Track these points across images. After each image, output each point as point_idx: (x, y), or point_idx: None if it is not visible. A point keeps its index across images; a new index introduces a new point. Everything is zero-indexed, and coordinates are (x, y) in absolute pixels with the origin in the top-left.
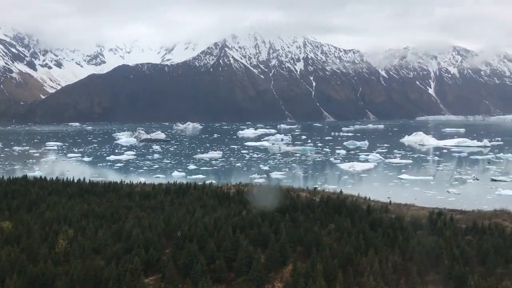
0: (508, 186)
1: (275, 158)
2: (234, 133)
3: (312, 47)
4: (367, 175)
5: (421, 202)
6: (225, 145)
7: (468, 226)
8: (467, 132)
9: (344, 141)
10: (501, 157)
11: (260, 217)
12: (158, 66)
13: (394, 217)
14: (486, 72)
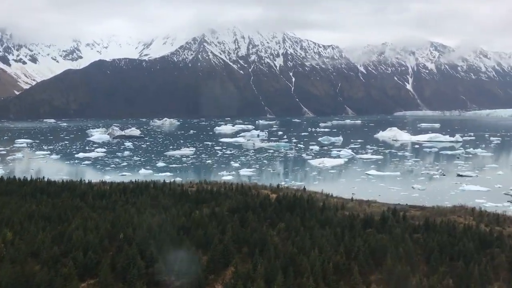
0: (472, 182)
1: (247, 155)
2: (211, 129)
3: (292, 42)
4: (336, 171)
5: (384, 198)
6: (199, 141)
7: (419, 223)
8: (442, 127)
9: (320, 137)
10: (470, 152)
11: (207, 218)
12: (135, 61)
13: (347, 215)
14: (463, 67)
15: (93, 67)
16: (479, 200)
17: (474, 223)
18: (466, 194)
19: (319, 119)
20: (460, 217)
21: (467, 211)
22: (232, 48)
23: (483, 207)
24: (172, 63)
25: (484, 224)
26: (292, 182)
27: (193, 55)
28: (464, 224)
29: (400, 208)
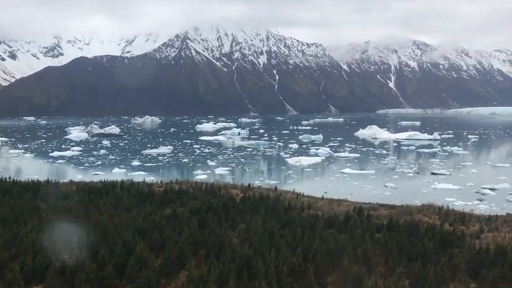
0: (445, 180)
1: (225, 153)
2: (193, 127)
3: (275, 40)
4: (312, 169)
5: (356, 197)
6: (179, 139)
7: (383, 223)
8: (422, 125)
9: (301, 135)
10: (447, 150)
11: (167, 219)
12: (117, 58)
13: (312, 215)
14: (445, 66)
15: (75, 64)
16: (449, 198)
17: (439, 223)
18: (438, 193)
19: (302, 117)
20: (426, 216)
21: (434, 210)
22: (215, 45)
23: (452, 206)
24: (154, 60)
25: (448, 223)
26: (267, 181)
27: (176, 52)
28: (428, 223)
29: (369, 207)
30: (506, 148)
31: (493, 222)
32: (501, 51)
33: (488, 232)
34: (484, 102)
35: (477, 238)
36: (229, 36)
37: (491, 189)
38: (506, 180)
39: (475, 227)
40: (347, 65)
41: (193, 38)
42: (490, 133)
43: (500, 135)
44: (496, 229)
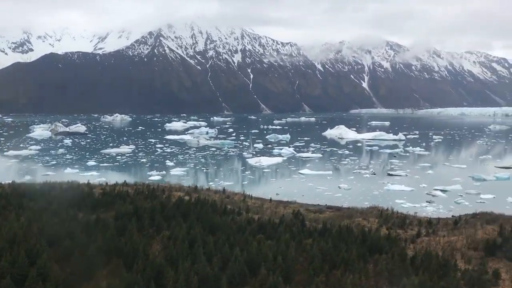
0: (400, 181)
1: (187, 153)
2: (162, 125)
3: (250, 39)
4: (270, 170)
5: (307, 199)
6: (144, 138)
7: (317, 227)
8: (391, 125)
9: (269, 135)
10: (409, 150)
11: (84, 225)
12: (89, 55)
13: (245, 219)
14: (417, 67)
15: (45, 60)
16: (399, 200)
17: (376, 226)
18: (389, 194)
19: (276, 116)
20: (366, 219)
21: (376, 213)
22: (189, 43)
23: (398, 208)
24: (127, 57)
25: (386, 227)
26: (221, 182)
27: (149, 50)
28: (365, 227)
29: (316, 209)
30: (466, 149)
31: (434, 226)
32: (472, 52)
33: (425, 236)
34: (454, 102)
35: (412, 242)
36: (204, 34)
37: (442, 190)
38: (460, 181)
39: (413, 231)
40: (321, 64)
41: (167, 35)
42: (455, 134)
43: (464, 135)
44: (433, 233)
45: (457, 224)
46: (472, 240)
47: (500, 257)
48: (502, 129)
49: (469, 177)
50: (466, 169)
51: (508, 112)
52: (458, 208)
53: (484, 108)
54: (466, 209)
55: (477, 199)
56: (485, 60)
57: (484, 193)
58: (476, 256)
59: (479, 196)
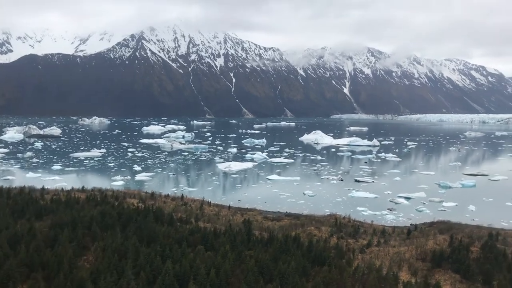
0: (366, 188)
1: (158, 158)
2: (140, 128)
3: (233, 43)
4: (238, 175)
5: (269, 206)
6: (117, 142)
7: (263, 237)
8: (369, 130)
9: (246, 139)
10: (380, 157)
11: (10, 236)
12: (69, 57)
13: (191, 228)
14: (397, 73)
15: (24, 61)
16: (360, 208)
17: (327, 236)
18: (352, 201)
19: (257, 121)
20: (318, 228)
21: (333, 221)
22: (171, 46)
23: (357, 216)
24: (108, 60)
25: (337, 236)
26: (185, 188)
27: (131, 52)
28: (317, 237)
29: (274, 217)
30: (438, 156)
31: (387, 235)
32: (451, 60)
33: (376, 246)
34: (434, 109)
35: (361, 253)
36: (186, 38)
37: (406, 198)
38: (425, 188)
39: (365, 241)
40: (303, 70)
41: (149, 38)
42: (430, 140)
43: (438, 142)
44: (385, 243)
45: (410, 233)
46: (422, 250)
47: (446, 268)
48: (477, 136)
49: (436, 184)
50: (434, 176)
51: (485, 119)
52: (418, 216)
53: (463, 115)
54: (426, 217)
55: (439, 207)
56: (464, 67)
57: (447, 201)
58: (423, 268)
59: (441, 204)
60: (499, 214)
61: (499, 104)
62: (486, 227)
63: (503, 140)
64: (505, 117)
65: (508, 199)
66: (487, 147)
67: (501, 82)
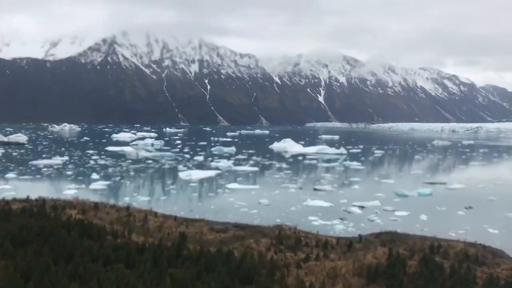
0: (322, 196)
1: (120, 166)
2: (109, 136)
3: (208, 49)
4: (197, 184)
5: (220, 216)
6: (83, 149)
7: (196, 252)
8: (340, 139)
9: (216, 147)
10: (345, 165)
11: None
12: (39, 61)
13: (121, 243)
14: (372, 82)
15: None
16: (312, 217)
17: (263, 250)
18: (305, 210)
19: (232, 128)
20: (257, 241)
21: (275, 233)
22: (144, 51)
23: (307, 226)
24: (79, 64)
25: (275, 250)
26: (138, 197)
27: (103, 57)
28: (255, 250)
29: (220, 228)
30: (401, 164)
31: (329, 247)
32: (425, 69)
33: (315, 260)
34: (407, 118)
35: (298, 267)
36: (160, 43)
37: (360, 206)
38: (381, 197)
39: (304, 254)
40: (279, 77)
41: (121, 43)
42: (397, 149)
43: (405, 150)
44: (324, 256)
45: (351, 246)
46: (359, 265)
47: (380, 284)
48: (445, 144)
49: (393, 192)
50: (393, 184)
51: (454, 128)
52: (368, 226)
53: (433, 123)
54: (376, 227)
55: (391, 216)
56: (438, 76)
57: (400, 210)
58: (357, 284)
59: (394, 213)
60: (449, 224)
61: (470, 113)
62: (432, 237)
63: (468, 149)
64: (474, 126)
65: (460, 208)
66: (452, 155)
67: (472, 91)
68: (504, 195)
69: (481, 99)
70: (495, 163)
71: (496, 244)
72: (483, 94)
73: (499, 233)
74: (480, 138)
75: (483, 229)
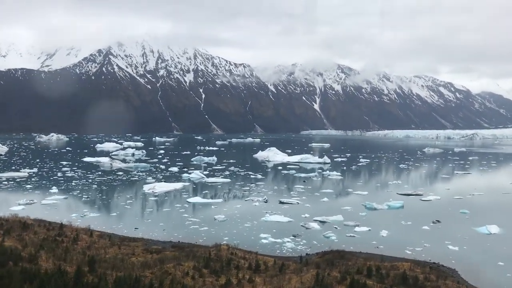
0: (285, 210)
1: (87, 178)
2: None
3: (203, 59)
4: (158, 198)
5: (165, 234)
6: (59, 160)
7: (100, 276)
8: (330, 147)
9: (196, 157)
10: (324, 174)
11: None
12: (33, 72)
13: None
14: (367, 89)
15: None
16: (265, 234)
17: (180, 275)
18: (261, 226)
19: (225, 137)
20: (178, 265)
21: (201, 253)
22: (140, 62)
23: (255, 245)
24: (74, 75)
25: (193, 275)
26: (89, 213)
27: (97, 68)
28: (171, 275)
29: (156, 248)
30: (382, 174)
31: (261, 270)
32: (420, 77)
33: (237, 285)
34: (403, 125)
35: None
36: (155, 53)
37: (321, 221)
38: (347, 210)
39: (225, 279)
40: (274, 86)
41: (117, 53)
42: (385, 157)
43: (392, 158)
44: (249, 281)
45: (282, 269)
46: None
47: None
48: (436, 152)
49: (362, 205)
50: (365, 196)
51: (450, 135)
52: (321, 243)
53: (429, 130)
54: (329, 244)
55: (350, 232)
56: (433, 84)
57: (362, 225)
58: None
59: (354, 229)
60: (408, 240)
61: (467, 120)
62: (380, 255)
63: (458, 156)
64: (470, 133)
65: (427, 222)
66: (438, 164)
67: (468, 98)
68: (478, 208)
69: (478, 106)
70: (481, 171)
71: (451, 263)
72: (479, 101)
73: (459, 250)
74: (474, 145)
75: (444, 246)
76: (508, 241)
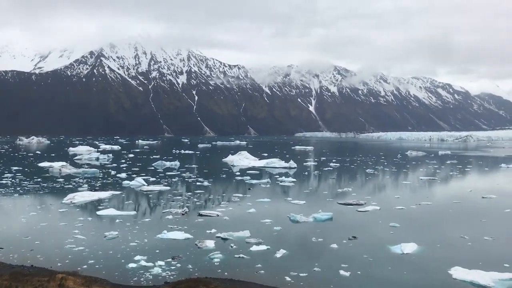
0: (195, 225)
1: (21, 185)
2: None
3: (197, 60)
4: (68, 210)
5: (27, 256)
6: (11, 165)
7: None
8: (314, 149)
9: (157, 161)
10: (277, 180)
11: None
12: (24, 74)
13: None
14: (363, 91)
15: None
16: (140, 256)
17: None
18: (152, 245)
19: (215, 139)
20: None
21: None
22: (132, 63)
23: (125, 268)
24: (65, 77)
25: None
26: None
27: (89, 70)
28: None
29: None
30: (338, 180)
31: None
32: (418, 78)
33: None
34: (399, 126)
35: None
36: (148, 55)
37: (223, 238)
38: (266, 223)
39: None
40: (268, 88)
41: (108, 55)
42: (359, 160)
43: (365, 162)
44: None
45: None
46: None
47: None
48: (418, 155)
49: (287, 216)
50: (300, 206)
51: (443, 137)
52: (198, 268)
53: (422, 132)
54: (209, 268)
55: (244, 251)
56: (431, 85)
57: (264, 243)
58: None
59: (249, 248)
60: (299, 263)
61: (465, 121)
62: (253, 283)
63: (436, 160)
64: (464, 135)
65: (342, 239)
66: (410, 169)
67: (467, 99)
68: (413, 220)
69: (476, 107)
70: (448, 177)
71: None
72: (478, 102)
73: (349, 277)
74: (463, 148)
75: (336, 270)
76: (412, 265)
